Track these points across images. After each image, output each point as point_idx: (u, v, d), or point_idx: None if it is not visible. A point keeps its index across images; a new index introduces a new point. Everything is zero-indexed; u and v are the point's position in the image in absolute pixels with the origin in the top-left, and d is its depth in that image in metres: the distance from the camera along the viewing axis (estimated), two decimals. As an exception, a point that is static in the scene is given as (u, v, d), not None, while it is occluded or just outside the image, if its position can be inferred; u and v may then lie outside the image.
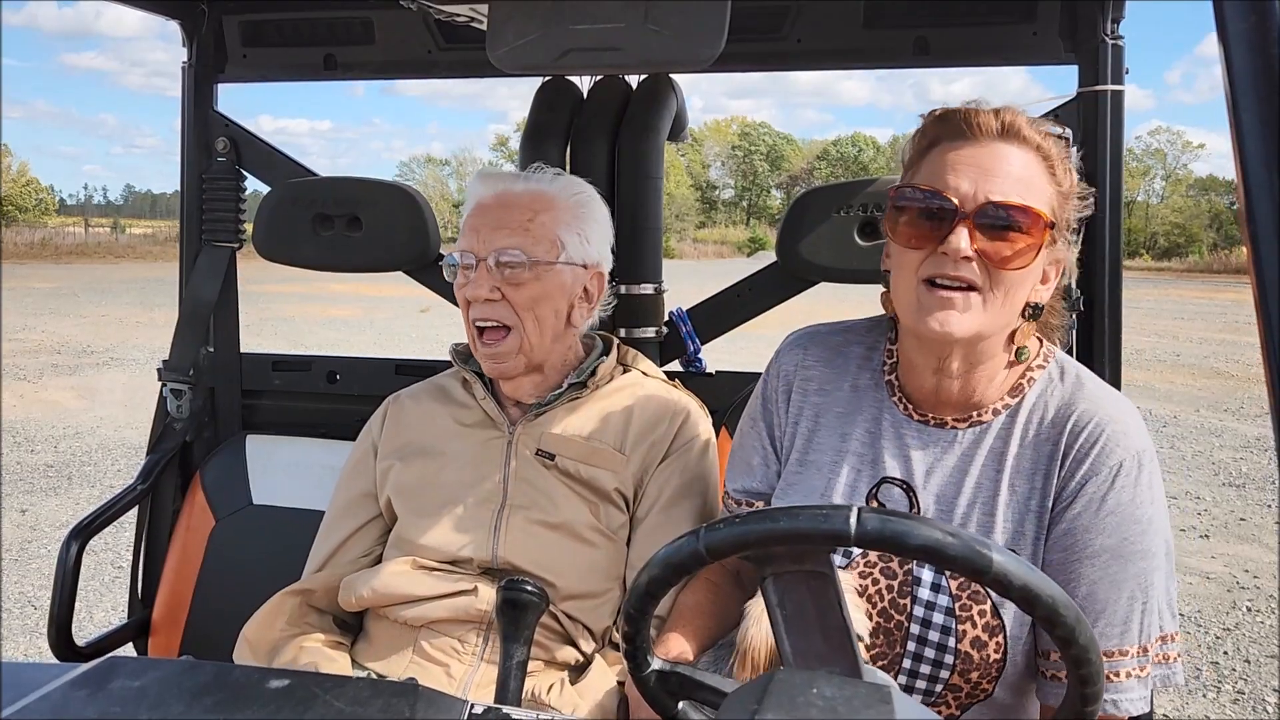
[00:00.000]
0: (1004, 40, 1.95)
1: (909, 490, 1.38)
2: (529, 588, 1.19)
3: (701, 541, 0.98)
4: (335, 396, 2.28)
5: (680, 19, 1.48)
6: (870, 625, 1.32)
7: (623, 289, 2.11)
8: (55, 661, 2.03)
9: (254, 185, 2.36)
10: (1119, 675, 1.28)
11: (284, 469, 2.17)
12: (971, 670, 1.31)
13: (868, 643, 1.30)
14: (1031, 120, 1.31)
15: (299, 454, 2.18)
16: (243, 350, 2.34)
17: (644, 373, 1.84)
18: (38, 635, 4.51)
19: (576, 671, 1.64)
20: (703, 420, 1.81)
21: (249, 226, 2.31)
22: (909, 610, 1.32)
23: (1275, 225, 0.71)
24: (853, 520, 0.91)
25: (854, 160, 72.76)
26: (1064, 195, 1.32)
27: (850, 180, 1.99)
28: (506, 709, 0.94)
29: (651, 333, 2.15)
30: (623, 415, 1.74)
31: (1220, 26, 0.75)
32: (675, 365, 2.18)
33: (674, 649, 1.42)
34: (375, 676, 1.64)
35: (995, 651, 1.30)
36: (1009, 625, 1.30)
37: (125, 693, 0.84)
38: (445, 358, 1.93)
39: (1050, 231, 1.28)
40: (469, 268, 1.69)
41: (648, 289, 2.14)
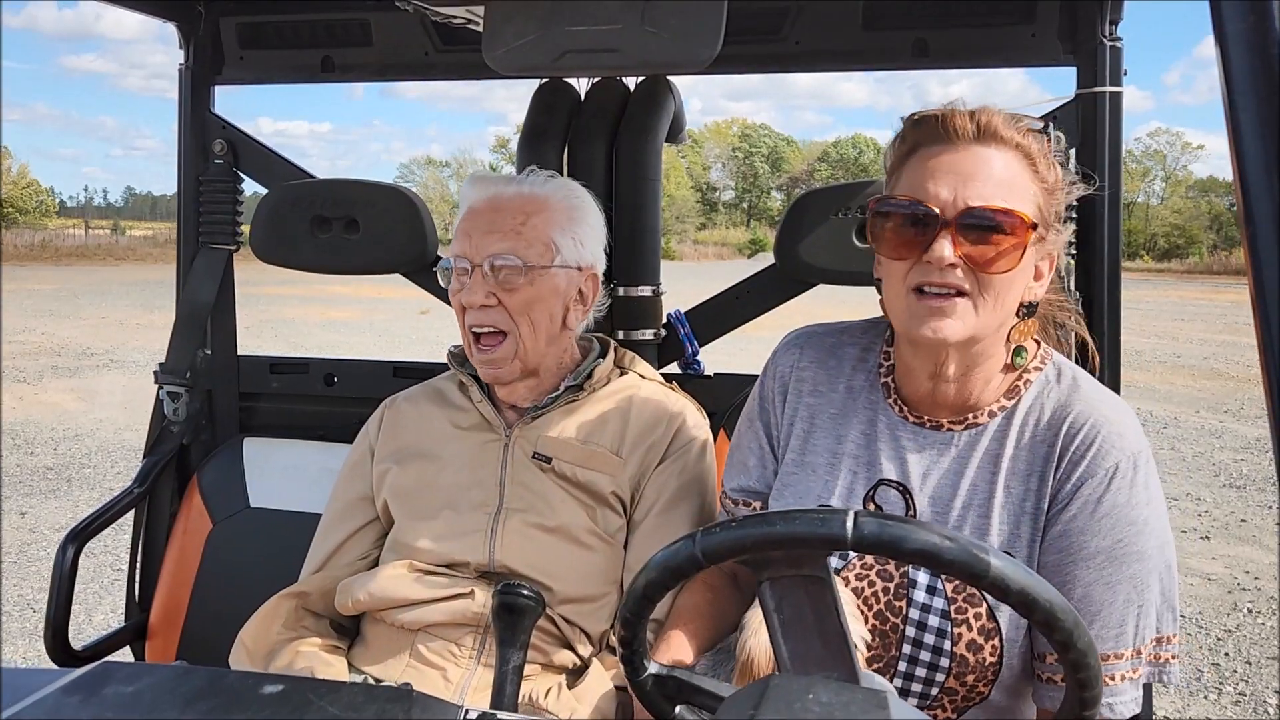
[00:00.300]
0: (1003, 42, 1.94)
1: (905, 492, 1.38)
2: (525, 592, 1.19)
3: (698, 546, 0.97)
4: (333, 399, 2.27)
5: (677, 20, 1.48)
6: (867, 629, 1.32)
7: (620, 291, 2.10)
8: (51, 665, 2.03)
9: (252, 187, 2.36)
10: (1114, 679, 1.28)
11: (281, 472, 2.17)
12: (967, 673, 1.30)
13: (866, 648, 1.30)
14: (1009, 119, 1.30)
15: (296, 457, 2.18)
16: (240, 353, 2.33)
17: (641, 375, 1.84)
18: (37, 638, 4.51)
19: (574, 675, 1.63)
20: (700, 423, 1.80)
21: (246, 229, 2.31)
22: (904, 613, 1.32)
23: (1273, 227, 0.70)
24: (849, 525, 0.91)
25: (854, 162, 72.78)
26: (1049, 190, 1.31)
27: (848, 182, 1.99)
28: (502, 714, 0.94)
29: (650, 335, 2.15)
30: (620, 418, 1.74)
31: (1218, 27, 0.75)
32: (674, 368, 2.17)
33: (674, 650, 1.41)
34: (372, 680, 1.64)
35: (991, 655, 1.30)
36: (1005, 628, 1.30)
37: (118, 698, 0.84)
38: (444, 360, 1.92)
39: (1035, 231, 1.28)
40: (463, 273, 1.69)
41: (646, 291, 2.13)
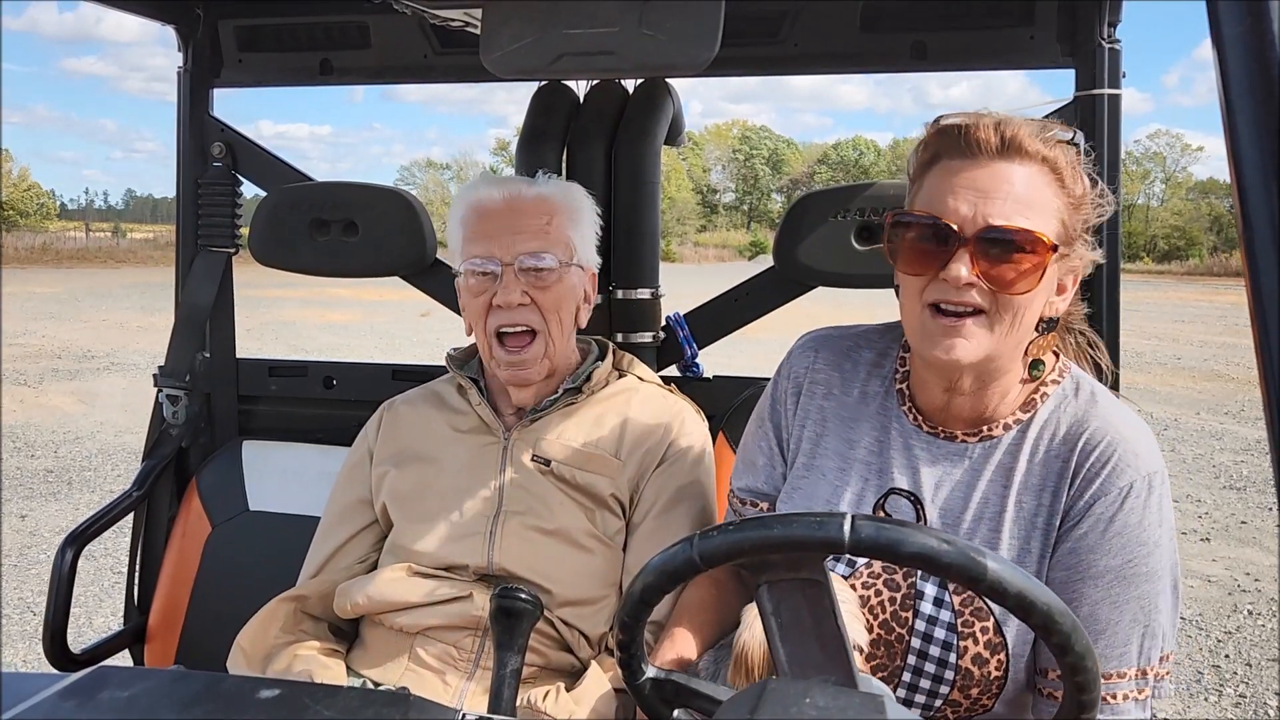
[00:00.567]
0: (1001, 44, 1.94)
1: (916, 502, 1.36)
2: (523, 595, 1.19)
3: (695, 549, 0.97)
4: (332, 402, 2.27)
5: (674, 23, 1.47)
6: (869, 637, 1.31)
7: (620, 294, 2.10)
8: (51, 669, 2.03)
9: (251, 190, 2.36)
10: (1115, 697, 1.26)
11: (280, 475, 2.17)
12: (972, 686, 1.29)
13: (866, 652, 1.29)
14: (1036, 130, 1.26)
15: (295, 460, 2.18)
16: (239, 355, 2.33)
17: (640, 377, 1.84)
18: (36, 642, 4.50)
19: (573, 678, 1.63)
20: (699, 425, 1.80)
21: (246, 231, 2.31)
22: (911, 624, 1.30)
23: (1270, 230, 0.70)
24: (847, 528, 0.90)
25: (854, 164, 72.79)
26: (1075, 203, 1.27)
27: (847, 185, 1.99)
28: (500, 718, 0.94)
29: (649, 337, 2.14)
30: (618, 421, 1.74)
31: (1215, 30, 0.74)
32: (673, 370, 2.17)
33: (678, 647, 1.40)
34: (370, 684, 1.63)
35: (996, 669, 1.28)
36: (1011, 643, 1.28)
37: (115, 703, 0.84)
38: (443, 363, 1.92)
39: (1055, 250, 1.24)
40: (491, 275, 1.68)
41: (645, 294, 2.13)
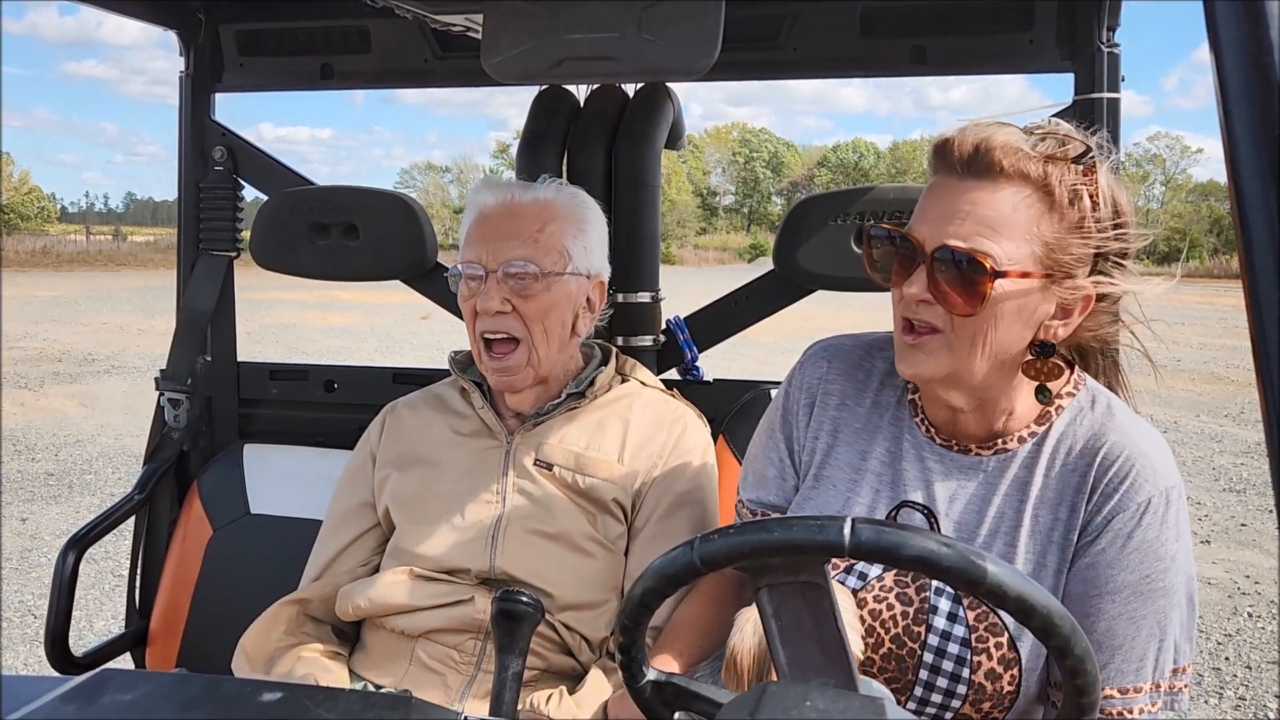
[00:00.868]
0: (1000, 48, 1.95)
1: (930, 515, 1.34)
2: (524, 598, 1.19)
3: (696, 552, 0.97)
4: (333, 405, 2.27)
5: (674, 28, 1.48)
6: (882, 650, 1.29)
7: (620, 297, 2.11)
8: (52, 672, 2.03)
9: (252, 193, 2.36)
10: (1132, 712, 1.24)
11: (281, 478, 2.17)
12: (984, 701, 1.27)
13: (880, 670, 1.28)
14: (1029, 144, 1.21)
15: (296, 463, 2.18)
16: (240, 359, 2.34)
17: (642, 382, 1.84)
18: (38, 644, 4.51)
19: (574, 682, 1.63)
20: (701, 430, 1.80)
21: (247, 234, 2.31)
22: (923, 638, 1.28)
23: (1268, 233, 0.70)
24: (847, 531, 0.91)
25: (854, 167, 72.76)
26: (1072, 226, 1.21)
27: (846, 188, 1.99)
28: (500, 721, 0.94)
29: (649, 341, 2.15)
30: (621, 425, 1.74)
31: (1212, 34, 0.75)
32: (673, 373, 2.18)
33: (662, 666, 1.39)
34: (372, 687, 1.64)
35: (1009, 684, 1.26)
36: (1025, 658, 1.26)
37: (117, 706, 0.84)
38: (444, 366, 1.93)
39: (1005, 275, 1.18)
40: (477, 279, 1.68)
41: (645, 297, 2.14)
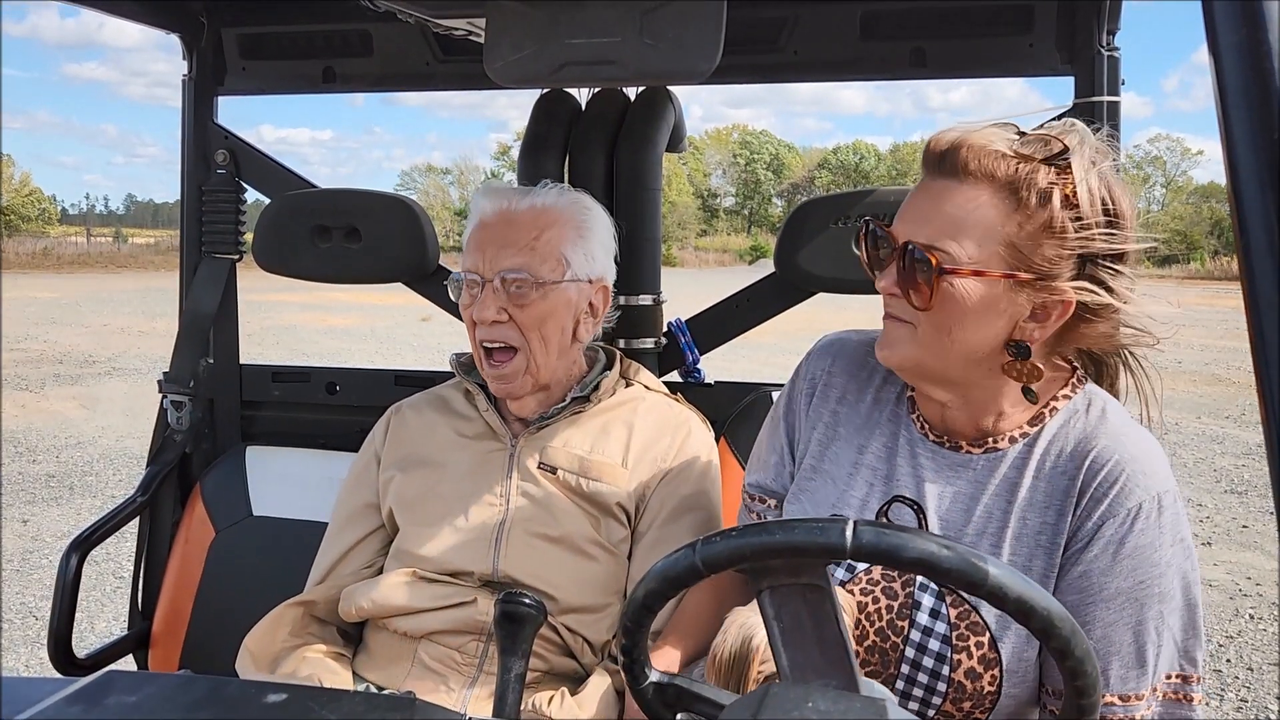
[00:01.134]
0: (1000, 51, 1.95)
1: (919, 511, 1.35)
2: (527, 600, 1.19)
3: (698, 555, 0.98)
4: (335, 407, 2.28)
5: (676, 32, 1.48)
6: (866, 643, 1.31)
7: (622, 300, 2.11)
8: (54, 674, 2.03)
9: (254, 195, 2.37)
10: (1134, 718, 1.23)
11: (284, 480, 2.17)
12: (964, 699, 1.28)
13: (862, 662, 1.29)
14: (991, 148, 1.21)
15: (298, 465, 2.19)
16: (242, 361, 2.34)
17: (646, 386, 1.84)
18: (39, 646, 4.51)
19: (576, 684, 1.63)
20: (705, 434, 1.81)
21: (249, 237, 2.32)
22: (906, 634, 1.30)
23: (1267, 237, 0.71)
24: (848, 534, 0.91)
25: (855, 168, 72.74)
26: (1042, 226, 1.20)
27: (847, 191, 2.00)
28: (504, 722, 0.94)
29: (650, 343, 2.15)
30: (625, 429, 1.74)
31: (1211, 37, 0.75)
32: (674, 375, 2.18)
33: (661, 661, 1.40)
34: (374, 688, 1.64)
35: (990, 684, 1.27)
36: (1006, 659, 1.26)
37: (121, 708, 0.84)
38: (445, 368, 1.93)
39: (952, 271, 1.20)
40: (474, 286, 1.69)
41: (646, 300, 2.14)
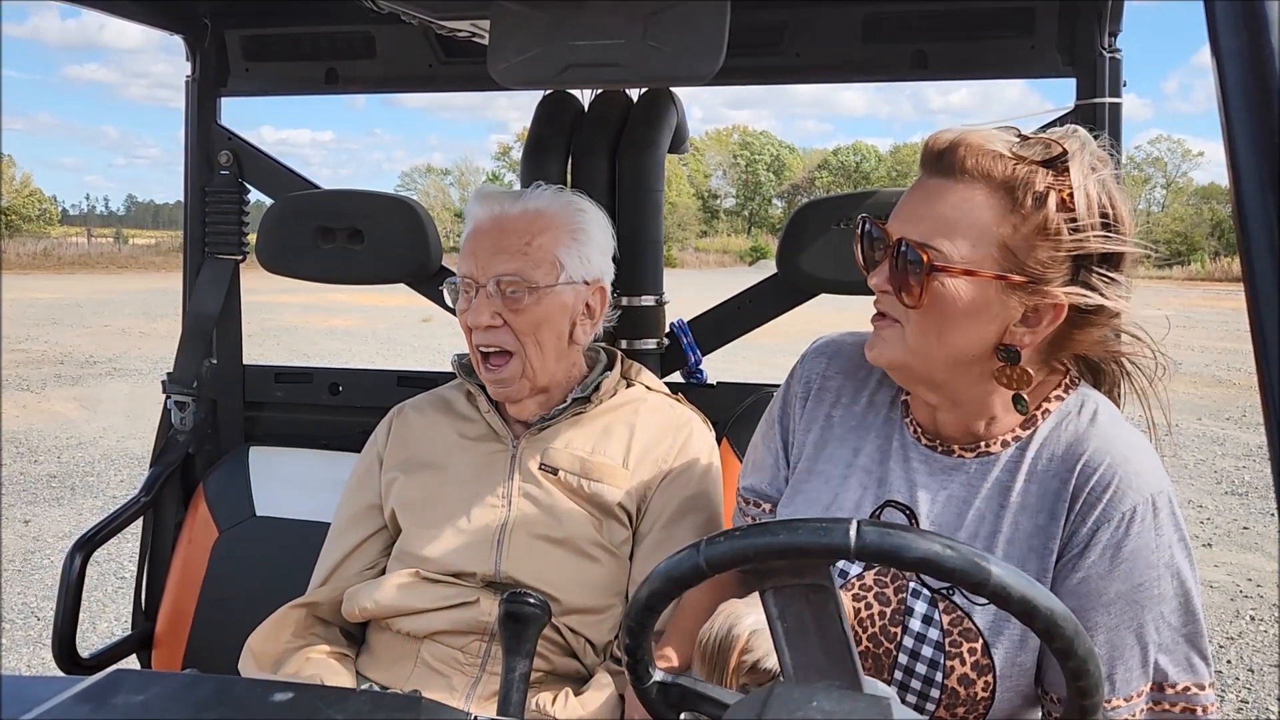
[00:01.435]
0: (1001, 53, 1.95)
1: (912, 516, 1.35)
2: (531, 600, 1.19)
3: (701, 555, 0.98)
4: (337, 408, 2.28)
5: (679, 34, 1.48)
6: (858, 649, 1.31)
7: (624, 301, 2.12)
8: (58, 674, 2.04)
9: (257, 196, 2.37)
10: (1135, 716, 1.24)
11: (287, 481, 2.18)
12: (957, 705, 1.27)
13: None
14: (989, 148, 1.21)
15: (301, 466, 2.19)
16: (245, 362, 2.35)
17: (647, 386, 1.85)
18: (41, 646, 4.51)
19: (579, 684, 1.64)
20: (707, 435, 1.81)
21: (252, 238, 2.32)
22: (899, 639, 1.30)
23: (1268, 239, 0.71)
24: (852, 534, 0.91)
25: (855, 169, 72.74)
26: (1036, 228, 1.19)
27: (848, 193, 2.00)
28: (508, 722, 0.94)
29: (652, 344, 2.16)
30: (626, 430, 1.75)
31: (1214, 42, 0.75)
32: (676, 376, 2.18)
33: (659, 660, 1.40)
34: (378, 688, 1.64)
35: (983, 690, 1.26)
36: (999, 665, 1.26)
37: (129, 707, 0.84)
38: (447, 369, 1.93)
39: (943, 270, 1.20)
40: (469, 291, 1.69)
41: (649, 301, 2.15)
